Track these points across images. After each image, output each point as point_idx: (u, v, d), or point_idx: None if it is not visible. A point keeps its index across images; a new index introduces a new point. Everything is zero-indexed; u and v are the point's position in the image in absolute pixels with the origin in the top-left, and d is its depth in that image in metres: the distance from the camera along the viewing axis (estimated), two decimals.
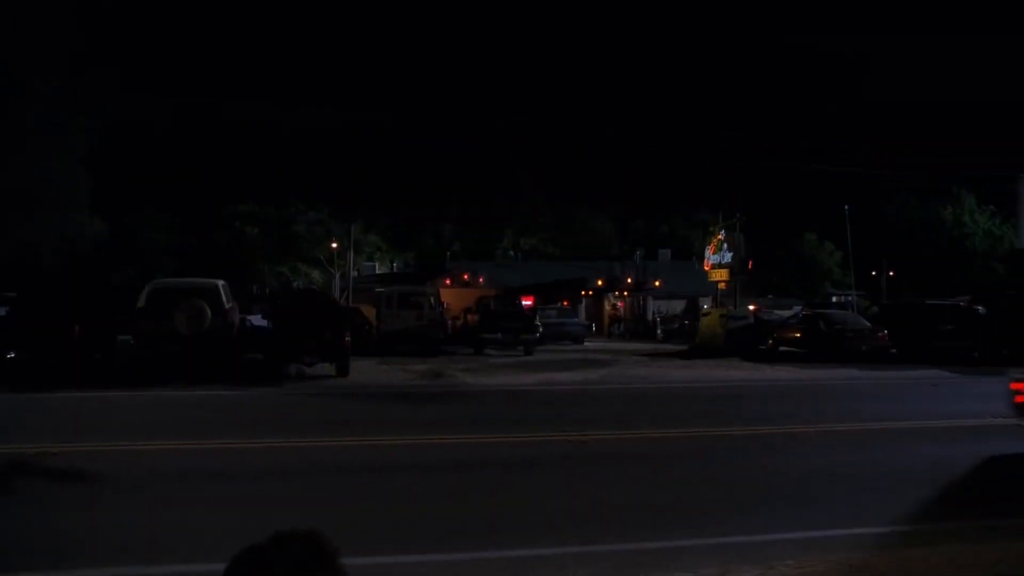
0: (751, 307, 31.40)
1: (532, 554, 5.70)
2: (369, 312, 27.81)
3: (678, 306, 42.12)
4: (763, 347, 23.78)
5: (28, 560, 5.48)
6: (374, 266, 59.15)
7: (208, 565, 5.03)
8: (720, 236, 31.36)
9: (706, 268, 33.01)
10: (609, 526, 6.39)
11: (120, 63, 32.12)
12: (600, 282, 41.94)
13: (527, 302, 31.33)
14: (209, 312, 15.83)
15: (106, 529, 6.30)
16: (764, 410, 13.13)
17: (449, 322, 30.36)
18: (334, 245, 50.90)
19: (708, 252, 32.92)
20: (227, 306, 16.94)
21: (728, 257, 30.45)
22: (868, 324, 23.04)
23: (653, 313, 41.15)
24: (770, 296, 47.02)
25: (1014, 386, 9.39)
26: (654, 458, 9.10)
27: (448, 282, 42.16)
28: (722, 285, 32.21)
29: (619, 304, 43.04)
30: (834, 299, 42.11)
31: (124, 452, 9.00)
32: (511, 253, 66.14)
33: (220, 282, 17.67)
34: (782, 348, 23.84)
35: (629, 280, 41.30)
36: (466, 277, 44.24)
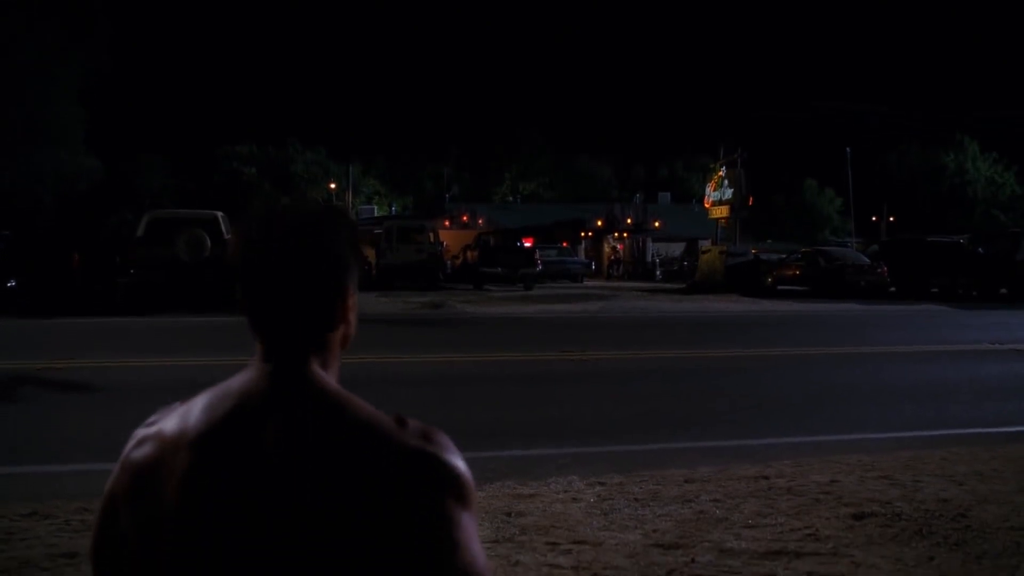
0: (752, 251, 31.31)
1: (533, 454, 5.78)
2: (369, 253, 27.75)
3: (677, 248, 42.03)
4: (763, 284, 23.82)
5: (35, 455, 5.59)
6: (373, 209, 58.93)
7: None
8: (721, 173, 30.98)
9: (706, 206, 32.73)
10: (609, 432, 6.46)
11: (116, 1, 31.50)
12: (599, 223, 41.65)
13: (527, 244, 31.22)
14: (209, 241, 15.79)
15: (108, 430, 6.36)
16: (764, 335, 13.21)
17: (448, 262, 30.31)
18: (332, 186, 50.61)
19: (709, 189, 32.56)
20: (226, 236, 16.87)
21: (728, 194, 30.11)
22: (868, 260, 23.02)
23: (653, 255, 41.04)
24: (769, 241, 46.98)
25: None
26: (654, 375, 9.16)
27: (447, 223, 41.88)
28: (723, 222, 31.93)
29: (618, 246, 42.84)
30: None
31: (127, 367, 9.08)
32: (510, 199, 65.80)
33: (219, 213, 17.57)
34: (781, 287, 23.88)
35: (629, 221, 41.00)
36: (465, 219, 43.97)
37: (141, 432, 1.04)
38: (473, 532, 0.99)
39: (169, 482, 0.97)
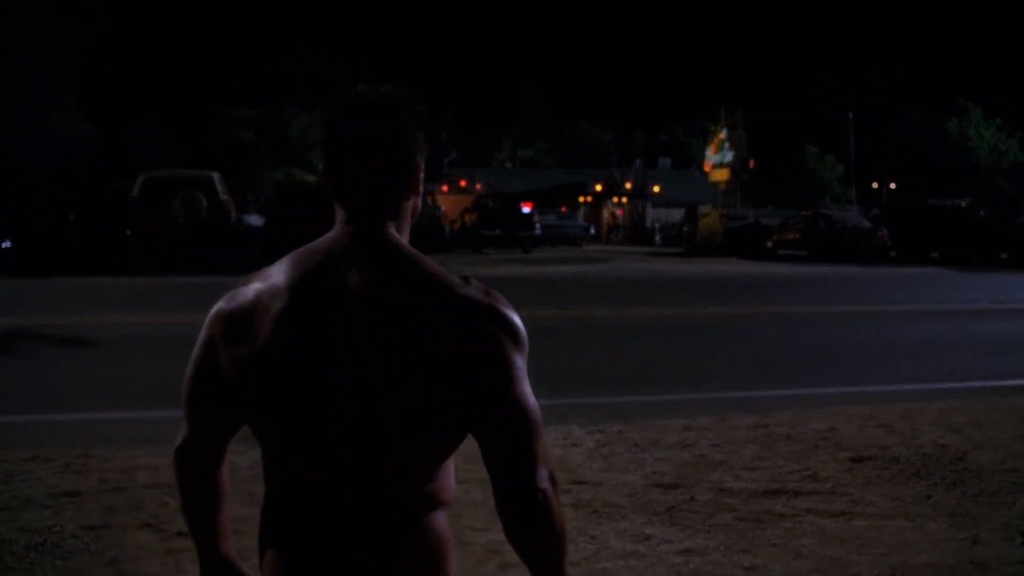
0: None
1: None
2: None
3: (677, 214, 41.86)
4: (763, 247, 23.80)
5: (37, 405, 5.61)
6: None
7: None
8: (722, 135, 30.68)
9: (706, 168, 32.50)
10: (609, 385, 6.48)
11: None
12: (599, 187, 41.39)
13: (526, 208, 31.11)
14: (205, 201, 15.70)
15: (108, 381, 6.39)
16: (764, 295, 13.24)
17: (446, 227, 30.16)
18: None
19: (709, 152, 32.29)
20: (222, 197, 16.77)
21: (729, 156, 29.85)
22: (868, 224, 22.96)
23: (652, 220, 40.92)
24: (769, 207, 46.75)
25: None
26: (654, 332, 9.18)
27: (445, 189, 41.56)
28: (723, 185, 31.70)
29: (618, 212, 42.69)
30: None
31: (123, 324, 9.09)
32: (508, 165, 65.36)
33: (215, 174, 17.43)
34: (782, 251, 23.85)
35: (628, 185, 40.77)
36: (463, 184, 43.64)
37: (232, 292, 1.20)
38: (524, 375, 1.15)
39: (265, 321, 1.13)
